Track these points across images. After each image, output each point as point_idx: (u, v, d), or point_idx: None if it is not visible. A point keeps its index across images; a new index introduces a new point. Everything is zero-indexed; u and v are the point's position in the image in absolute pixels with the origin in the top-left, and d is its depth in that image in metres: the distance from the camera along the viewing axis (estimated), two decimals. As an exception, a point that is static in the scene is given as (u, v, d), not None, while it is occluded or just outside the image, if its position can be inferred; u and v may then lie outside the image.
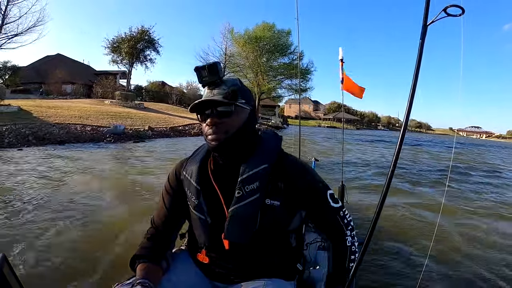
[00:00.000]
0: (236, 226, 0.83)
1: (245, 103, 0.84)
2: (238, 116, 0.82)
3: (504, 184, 6.96)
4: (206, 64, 0.80)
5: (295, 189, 0.85)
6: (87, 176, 4.83)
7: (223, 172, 0.89)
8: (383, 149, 15.01)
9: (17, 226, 2.62)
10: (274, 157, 0.87)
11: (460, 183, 6.36)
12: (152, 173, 5.31)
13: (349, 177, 5.94)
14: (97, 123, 11.40)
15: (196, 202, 0.88)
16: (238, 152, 0.85)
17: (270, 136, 0.94)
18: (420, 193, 5.21)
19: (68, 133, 9.19)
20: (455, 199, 4.79)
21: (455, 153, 14.26)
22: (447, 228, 3.32)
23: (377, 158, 10.24)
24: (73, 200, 3.43)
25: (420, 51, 0.84)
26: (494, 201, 5.04)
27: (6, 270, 0.57)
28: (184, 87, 39.89)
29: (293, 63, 28.97)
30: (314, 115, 66.02)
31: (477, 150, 20.60)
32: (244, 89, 0.87)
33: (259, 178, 0.82)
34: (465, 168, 9.07)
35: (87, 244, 2.40)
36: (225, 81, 0.83)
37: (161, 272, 0.89)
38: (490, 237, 3.18)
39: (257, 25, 28.67)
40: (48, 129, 9.25)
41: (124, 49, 20.03)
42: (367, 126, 66.69)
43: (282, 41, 28.08)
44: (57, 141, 8.53)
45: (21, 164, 5.32)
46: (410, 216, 3.68)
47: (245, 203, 0.82)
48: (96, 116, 12.70)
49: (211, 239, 0.89)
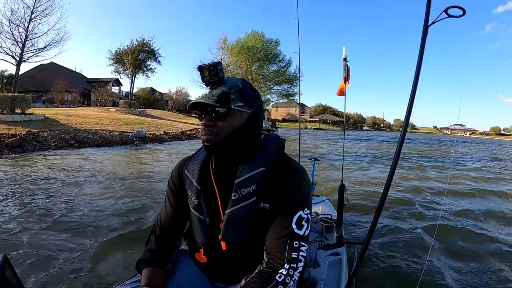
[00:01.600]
0: (232, 228, 0.82)
1: (244, 105, 0.80)
2: (233, 119, 0.80)
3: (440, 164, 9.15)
4: (207, 64, 0.80)
5: (279, 192, 0.81)
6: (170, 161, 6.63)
7: (223, 171, 0.88)
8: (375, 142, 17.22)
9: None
10: (273, 160, 0.84)
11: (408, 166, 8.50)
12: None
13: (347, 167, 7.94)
14: (118, 129, 12.98)
15: (196, 202, 0.88)
16: (235, 154, 0.84)
17: (273, 140, 0.91)
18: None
19: (101, 138, 10.80)
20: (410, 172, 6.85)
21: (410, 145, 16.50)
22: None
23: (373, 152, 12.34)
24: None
25: (421, 51, 0.86)
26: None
27: (7, 270, 0.58)
28: (174, 93, 40.69)
29: (281, 70, 31.30)
30: (300, 118, 67.96)
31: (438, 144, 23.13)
32: (247, 90, 0.83)
33: (256, 181, 0.80)
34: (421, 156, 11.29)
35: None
36: (226, 81, 0.82)
37: (167, 277, 0.91)
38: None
39: (247, 33, 30.82)
40: (82, 134, 10.80)
41: (129, 60, 21.55)
42: (353, 127, 67.97)
43: (272, 51, 30.32)
44: (95, 144, 10.14)
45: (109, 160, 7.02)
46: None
47: (240, 206, 0.81)
48: (113, 123, 14.23)
49: (209, 240, 0.88)
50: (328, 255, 1.47)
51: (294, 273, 0.77)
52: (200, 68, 0.80)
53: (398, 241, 2.82)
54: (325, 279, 1.17)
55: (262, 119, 0.88)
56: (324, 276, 1.22)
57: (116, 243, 2.47)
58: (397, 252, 2.60)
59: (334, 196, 2.83)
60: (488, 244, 2.89)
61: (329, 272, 1.29)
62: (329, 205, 2.49)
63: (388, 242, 2.79)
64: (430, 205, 4.27)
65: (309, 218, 0.81)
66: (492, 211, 4.11)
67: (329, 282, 1.19)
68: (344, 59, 2.29)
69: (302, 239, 0.79)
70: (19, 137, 9.07)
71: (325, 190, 4.48)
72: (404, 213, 3.77)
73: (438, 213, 3.22)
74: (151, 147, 10.82)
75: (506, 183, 6.56)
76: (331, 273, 1.29)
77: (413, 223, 3.42)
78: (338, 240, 1.74)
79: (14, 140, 8.79)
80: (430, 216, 3.67)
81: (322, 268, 1.30)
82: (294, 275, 0.77)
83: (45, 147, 9.06)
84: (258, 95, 0.87)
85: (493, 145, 28.20)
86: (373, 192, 4.81)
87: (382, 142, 21.81)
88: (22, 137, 9.16)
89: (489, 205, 4.44)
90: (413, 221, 3.50)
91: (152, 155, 8.85)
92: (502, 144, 34.19)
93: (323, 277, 1.19)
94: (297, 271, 0.77)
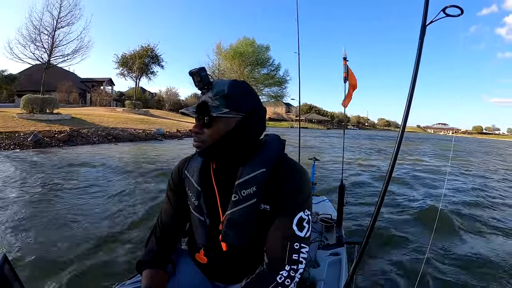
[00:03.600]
0: (232, 230, 0.83)
1: (230, 111, 0.78)
2: (218, 126, 0.78)
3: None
4: (193, 70, 0.79)
5: (279, 193, 0.81)
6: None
7: (224, 172, 0.88)
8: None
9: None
10: (273, 161, 0.83)
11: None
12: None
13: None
14: (137, 127, 14.97)
15: (196, 203, 0.88)
16: (231, 157, 0.83)
17: (273, 140, 0.91)
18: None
19: (130, 134, 12.87)
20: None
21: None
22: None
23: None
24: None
25: (419, 51, 0.86)
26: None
27: (7, 270, 0.58)
28: (164, 92, 41.47)
29: (270, 73, 34.02)
30: (286, 117, 69.29)
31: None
32: (234, 95, 0.79)
33: (256, 182, 0.80)
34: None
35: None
36: (214, 86, 0.80)
37: (167, 278, 0.92)
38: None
39: (239, 39, 33.21)
40: (113, 131, 12.80)
41: (136, 64, 23.44)
42: (338, 126, 69.08)
43: (263, 55, 32.91)
44: (127, 139, 12.23)
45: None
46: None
47: (241, 207, 0.81)
48: (129, 122, 16.18)
49: (209, 240, 0.89)
50: (328, 255, 1.49)
51: (295, 275, 0.77)
52: (190, 73, 0.80)
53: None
54: (324, 279, 1.18)
55: (261, 120, 0.85)
56: (324, 276, 1.22)
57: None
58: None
59: (333, 196, 3.13)
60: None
61: (329, 272, 1.30)
62: (329, 205, 2.54)
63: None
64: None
65: (310, 219, 0.82)
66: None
67: (329, 282, 1.19)
68: (344, 59, 2.30)
69: (303, 241, 0.79)
70: (66, 133, 11.00)
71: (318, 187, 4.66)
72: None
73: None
74: (173, 142, 13.03)
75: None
76: (331, 273, 1.31)
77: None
78: (337, 240, 1.77)
79: (64, 136, 10.74)
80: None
81: (321, 268, 1.31)
82: (295, 277, 0.77)
83: (90, 141, 11.06)
84: (253, 96, 0.84)
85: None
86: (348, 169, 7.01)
87: (363, 139, 24.82)
88: (69, 133, 11.09)
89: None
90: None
91: (181, 147, 11.08)
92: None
93: (323, 277, 1.20)
94: (297, 273, 0.77)
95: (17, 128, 10.84)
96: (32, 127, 11.09)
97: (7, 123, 11.36)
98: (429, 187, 5.76)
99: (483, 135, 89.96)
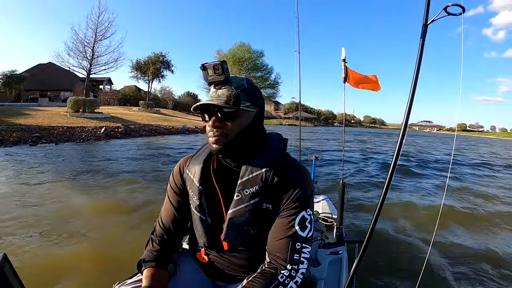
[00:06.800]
0: (235, 229, 0.83)
1: (251, 105, 0.80)
2: (241, 119, 0.80)
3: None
4: (212, 63, 0.76)
5: (281, 193, 0.82)
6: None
7: (225, 172, 0.88)
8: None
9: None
10: (276, 160, 0.84)
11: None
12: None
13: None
14: (162, 124, 18.64)
15: (197, 202, 0.89)
16: (241, 154, 0.84)
17: (275, 139, 0.92)
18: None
19: (165, 129, 16.64)
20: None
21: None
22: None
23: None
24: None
25: (421, 50, 0.86)
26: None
27: (7, 269, 0.58)
28: (158, 91, 42.80)
29: (264, 76, 38.22)
30: (275, 115, 69.80)
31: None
32: (251, 90, 0.82)
33: (259, 182, 0.81)
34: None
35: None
36: (232, 81, 0.79)
37: (168, 277, 0.90)
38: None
39: (235, 44, 37.06)
40: (150, 127, 16.43)
41: (151, 70, 27.12)
42: (324, 123, 71.37)
43: (258, 61, 37.06)
44: (165, 133, 16.03)
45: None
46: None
47: (243, 206, 0.81)
48: (151, 119, 19.86)
49: (211, 240, 0.89)
50: (329, 254, 1.49)
51: (296, 275, 0.78)
52: (203, 66, 0.78)
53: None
54: (325, 278, 1.17)
55: (264, 117, 0.88)
56: (325, 275, 1.22)
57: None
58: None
59: (332, 195, 3.36)
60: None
61: (330, 271, 1.30)
62: (329, 204, 2.56)
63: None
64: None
65: (312, 218, 0.82)
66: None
67: (329, 281, 1.19)
68: (343, 60, 2.33)
69: (305, 241, 0.80)
70: (124, 128, 14.61)
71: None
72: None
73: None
74: (199, 135, 16.83)
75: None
76: (332, 272, 1.30)
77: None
78: (338, 238, 1.78)
79: (122, 130, 14.37)
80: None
81: (322, 267, 1.30)
82: (296, 277, 0.78)
83: (141, 134, 14.76)
84: (261, 93, 0.87)
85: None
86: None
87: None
88: (125, 128, 14.69)
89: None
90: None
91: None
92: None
93: (324, 276, 1.19)
94: (299, 273, 0.78)
95: (80, 124, 14.12)
96: (89, 124, 14.38)
97: (68, 120, 14.41)
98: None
99: (467, 133, 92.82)
